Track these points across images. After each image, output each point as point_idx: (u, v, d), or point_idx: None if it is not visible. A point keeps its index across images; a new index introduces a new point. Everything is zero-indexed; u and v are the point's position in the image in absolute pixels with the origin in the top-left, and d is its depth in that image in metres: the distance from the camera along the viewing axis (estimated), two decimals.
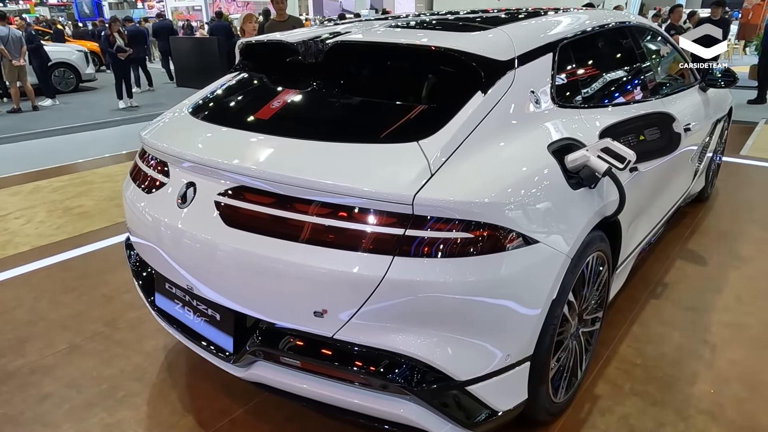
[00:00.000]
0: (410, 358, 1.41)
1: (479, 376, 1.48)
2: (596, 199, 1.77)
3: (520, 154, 1.62)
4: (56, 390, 2.22)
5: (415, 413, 1.48)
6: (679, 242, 3.51)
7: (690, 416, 2.01)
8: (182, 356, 2.41)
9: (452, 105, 1.61)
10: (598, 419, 2.00)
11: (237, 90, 2.16)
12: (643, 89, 2.57)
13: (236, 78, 2.25)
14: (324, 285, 1.39)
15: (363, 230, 1.37)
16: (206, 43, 12.30)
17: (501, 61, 1.72)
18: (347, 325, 1.41)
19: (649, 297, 2.85)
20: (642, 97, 2.52)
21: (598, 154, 1.65)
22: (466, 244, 1.37)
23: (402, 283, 1.34)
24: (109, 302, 2.90)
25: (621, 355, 2.37)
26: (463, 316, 1.42)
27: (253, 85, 2.18)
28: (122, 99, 9.86)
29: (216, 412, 2.07)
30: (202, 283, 1.65)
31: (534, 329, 1.57)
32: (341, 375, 1.48)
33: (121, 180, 5.13)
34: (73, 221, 4.08)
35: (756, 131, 6.68)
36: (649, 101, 2.54)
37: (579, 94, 2.05)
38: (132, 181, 2.03)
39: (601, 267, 2.00)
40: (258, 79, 2.20)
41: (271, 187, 1.48)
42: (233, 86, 2.19)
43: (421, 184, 1.36)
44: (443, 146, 1.46)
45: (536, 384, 1.69)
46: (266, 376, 1.61)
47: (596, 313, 2.11)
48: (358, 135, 1.60)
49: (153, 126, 2.06)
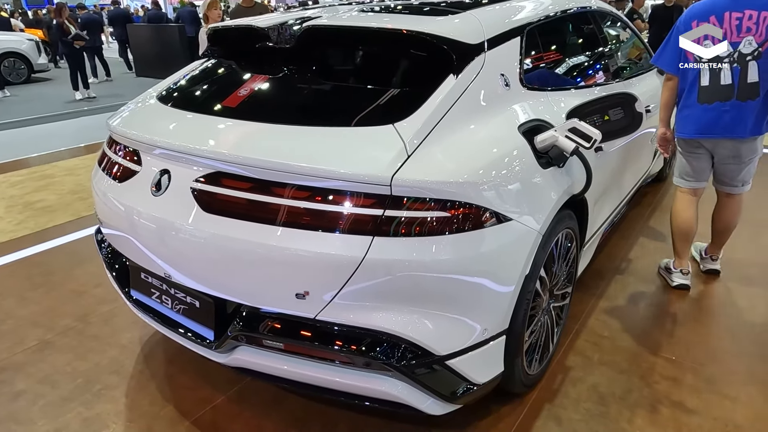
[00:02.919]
0: (392, 336, 1.45)
1: (458, 350, 1.53)
2: (565, 177, 1.83)
3: (493, 135, 1.67)
4: (29, 387, 2.17)
5: (398, 389, 1.52)
6: (641, 220, 3.67)
7: (654, 382, 2.13)
8: (160, 348, 2.39)
9: (425, 88, 1.64)
10: (570, 389, 2.10)
11: (207, 77, 2.13)
12: (605, 72, 2.66)
13: (205, 65, 2.22)
14: (305, 267, 1.41)
15: (342, 212, 1.39)
16: (167, 30, 11.94)
17: (472, 44, 1.76)
18: (329, 305, 1.44)
19: (614, 273, 2.98)
20: (604, 80, 2.61)
21: (566, 134, 1.71)
22: (443, 223, 1.41)
23: (382, 263, 1.38)
24: (80, 297, 2.83)
25: (590, 328, 2.48)
26: (441, 293, 1.46)
27: (223, 71, 2.16)
28: (78, 90, 9.51)
29: (197, 401, 2.07)
30: (180, 270, 1.64)
31: (509, 304, 1.63)
32: (325, 355, 1.51)
33: (83, 173, 4.99)
34: (35, 216, 3.95)
35: None
36: (611, 84, 2.63)
37: (546, 78, 2.12)
38: (101, 171, 1.98)
39: (569, 243, 2.08)
40: (228, 65, 2.17)
41: (248, 172, 1.49)
42: (203, 73, 2.16)
43: (398, 166, 1.39)
44: (418, 128, 1.49)
45: (512, 357, 1.76)
46: (249, 360, 1.63)
47: (566, 288, 2.20)
48: (333, 119, 1.62)
49: (121, 114, 2.02)
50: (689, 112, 2.50)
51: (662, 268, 2.95)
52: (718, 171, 2.64)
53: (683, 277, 2.80)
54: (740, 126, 2.39)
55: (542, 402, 2.03)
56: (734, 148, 2.49)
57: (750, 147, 2.49)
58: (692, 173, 2.67)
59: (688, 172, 2.68)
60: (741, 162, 2.54)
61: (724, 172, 2.62)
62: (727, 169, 2.59)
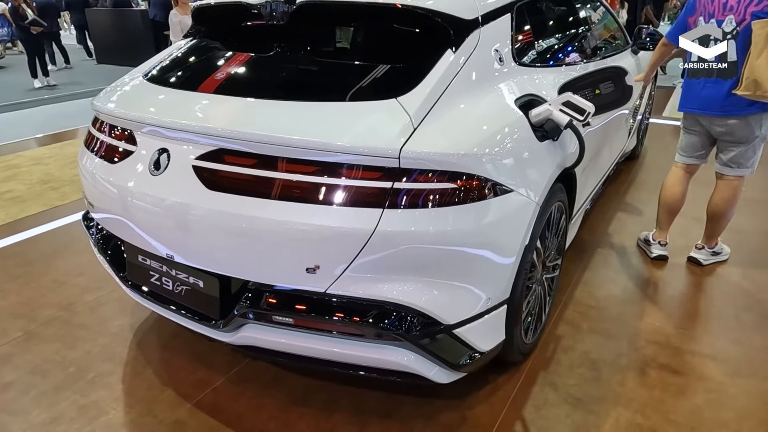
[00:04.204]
0: (402, 306, 1.48)
1: (465, 319, 1.57)
2: (559, 151, 1.88)
3: (492, 109, 1.70)
4: (18, 378, 2.12)
5: (407, 358, 1.55)
6: (618, 196, 3.79)
7: (641, 346, 2.23)
8: (152, 333, 2.36)
9: (424, 63, 1.65)
10: (562, 356, 2.18)
11: (196, 55, 2.09)
12: (588, 50, 2.72)
13: (192, 44, 2.17)
14: (316, 241, 1.42)
15: (351, 185, 1.40)
16: (129, 15, 11.52)
17: (468, 20, 1.77)
18: (340, 278, 1.45)
19: (596, 246, 3.08)
20: (587, 57, 2.67)
21: (560, 108, 1.76)
22: (450, 194, 1.43)
23: (392, 235, 1.40)
24: (62, 287, 2.76)
25: (577, 299, 2.57)
26: (449, 263, 1.49)
27: (212, 50, 2.11)
28: (37, 78, 9.11)
29: (196, 383, 2.06)
30: (184, 250, 1.62)
31: (511, 273, 1.68)
32: (335, 328, 1.52)
33: (52, 163, 4.81)
34: (5, 207, 3.80)
35: (674, 94, 7.20)
36: (593, 61, 2.69)
37: (535, 54, 2.16)
38: (89, 152, 1.93)
39: (560, 216, 2.15)
40: (216, 44, 2.13)
41: (253, 148, 1.47)
42: (190, 52, 2.12)
43: (406, 138, 1.41)
44: (421, 102, 1.51)
45: (511, 325, 1.81)
46: (257, 338, 1.63)
47: (556, 260, 2.27)
48: (335, 94, 1.61)
49: (109, 94, 1.96)
50: (684, 86, 2.62)
51: (641, 240, 3.06)
52: (717, 149, 2.68)
53: (662, 248, 2.91)
54: (714, 103, 2.47)
55: (537, 370, 2.10)
56: (726, 126, 2.50)
57: (742, 126, 2.45)
58: (685, 148, 2.76)
59: (683, 146, 2.77)
60: (737, 142, 2.53)
61: (722, 149, 2.63)
62: (723, 146, 2.61)
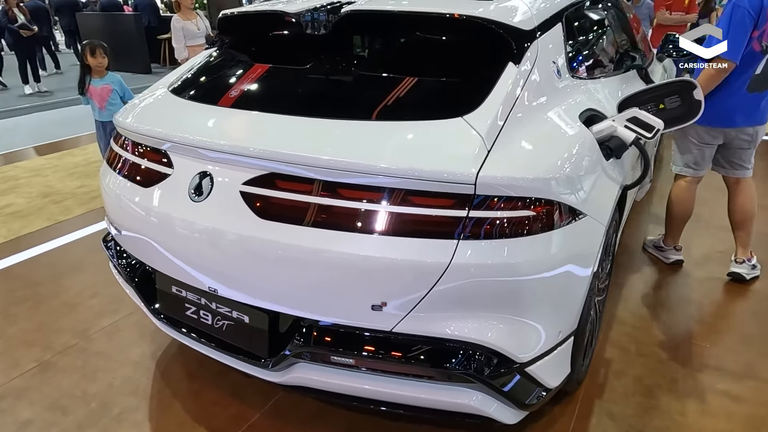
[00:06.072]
0: (474, 345, 1.36)
1: (537, 355, 1.46)
2: (620, 169, 1.78)
3: (560, 127, 1.58)
4: (36, 415, 1.96)
5: (475, 399, 1.43)
6: (643, 206, 3.70)
7: (696, 371, 2.12)
8: (177, 362, 2.21)
9: (486, 77, 1.53)
10: (615, 382, 2.06)
11: (229, 69, 1.95)
12: (630, 59, 2.61)
13: (221, 55, 2.03)
14: (384, 276, 1.29)
15: (422, 214, 1.28)
16: (122, 20, 11.30)
17: (527, 30, 1.66)
18: (408, 316, 1.32)
19: (620, 258, 2.97)
20: (630, 66, 2.55)
21: (625, 124, 1.65)
22: (529, 222, 1.32)
23: (469, 268, 1.27)
24: (74, 311, 2.60)
25: (619, 318, 2.46)
26: (526, 296, 1.37)
27: (243, 62, 1.97)
28: (29, 84, 8.87)
29: (230, 419, 1.91)
30: (231, 283, 1.48)
31: (581, 302, 1.57)
32: (402, 369, 1.39)
33: (51, 174, 4.62)
34: (6, 222, 3.62)
35: None
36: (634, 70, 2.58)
37: (585, 65, 2.05)
38: (114, 173, 1.78)
39: (614, 236, 2.04)
40: (245, 56, 1.99)
41: (311, 172, 1.34)
42: (220, 64, 1.98)
43: (481, 162, 1.29)
44: (491, 122, 1.39)
45: (575, 356, 1.70)
46: (311, 378, 1.49)
47: (606, 281, 2.16)
48: (392, 112, 1.49)
49: (134, 111, 1.81)
50: (734, 101, 2.43)
51: (650, 246, 3.00)
52: (730, 156, 2.64)
53: (677, 253, 2.89)
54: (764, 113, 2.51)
55: (592, 398, 1.98)
56: (754, 133, 2.56)
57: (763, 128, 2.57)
58: (701, 162, 2.67)
59: (698, 161, 2.67)
60: (752, 144, 2.59)
61: (732, 155, 2.62)
62: (735, 152, 2.61)
